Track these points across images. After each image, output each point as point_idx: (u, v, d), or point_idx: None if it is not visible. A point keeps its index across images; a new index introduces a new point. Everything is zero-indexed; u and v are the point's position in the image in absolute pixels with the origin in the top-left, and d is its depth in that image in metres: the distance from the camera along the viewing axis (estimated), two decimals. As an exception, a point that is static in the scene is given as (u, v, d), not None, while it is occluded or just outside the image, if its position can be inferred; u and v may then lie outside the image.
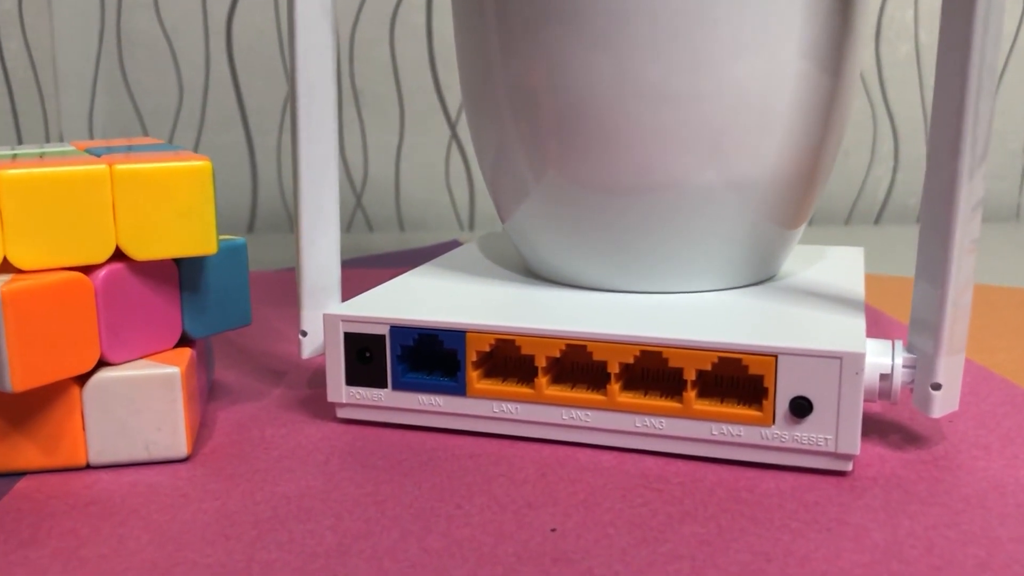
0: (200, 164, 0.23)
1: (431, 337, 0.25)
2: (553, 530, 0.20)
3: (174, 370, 0.23)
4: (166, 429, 0.23)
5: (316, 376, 0.30)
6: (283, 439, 0.25)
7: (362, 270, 0.47)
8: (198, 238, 0.24)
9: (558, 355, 0.24)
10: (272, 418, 0.27)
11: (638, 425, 0.23)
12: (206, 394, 0.27)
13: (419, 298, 0.27)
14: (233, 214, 0.63)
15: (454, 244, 0.56)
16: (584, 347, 0.23)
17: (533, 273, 0.30)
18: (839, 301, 0.26)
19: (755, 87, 0.24)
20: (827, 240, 0.55)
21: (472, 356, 0.24)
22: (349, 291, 0.42)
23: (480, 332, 0.24)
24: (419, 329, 0.25)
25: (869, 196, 0.61)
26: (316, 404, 0.28)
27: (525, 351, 0.24)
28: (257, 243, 0.58)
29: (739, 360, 0.22)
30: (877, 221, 0.62)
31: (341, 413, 0.26)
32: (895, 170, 0.61)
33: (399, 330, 0.25)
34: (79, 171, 0.22)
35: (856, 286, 0.28)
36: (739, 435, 0.23)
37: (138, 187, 0.23)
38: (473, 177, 0.62)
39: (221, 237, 0.27)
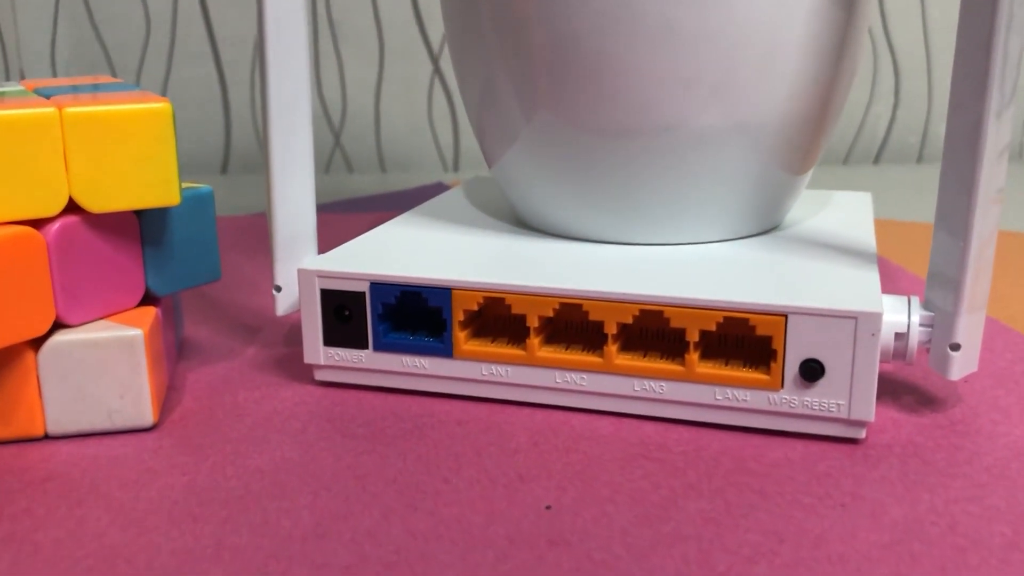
0: (159, 106, 0.21)
1: (415, 294, 0.23)
2: (548, 507, 0.18)
3: (136, 332, 0.21)
4: (129, 396, 0.22)
5: (293, 333, 0.28)
6: (257, 404, 0.23)
7: (341, 216, 0.45)
8: (159, 188, 0.22)
9: (551, 315, 0.22)
10: (245, 380, 0.25)
11: (637, 389, 0.22)
12: (174, 354, 0.26)
13: (401, 251, 0.25)
14: (205, 154, 0.60)
15: (439, 187, 0.54)
16: (579, 306, 0.22)
17: (523, 223, 0.28)
18: (850, 253, 0.24)
19: (764, 21, 0.22)
20: (825, 181, 0.53)
21: (459, 315, 0.23)
22: (327, 239, 0.40)
23: (467, 289, 0.22)
24: (401, 286, 0.23)
25: (868, 135, 0.59)
26: (293, 364, 0.26)
27: (516, 310, 0.22)
28: (231, 185, 0.55)
29: (746, 320, 0.21)
30: (876, 161, 0.60)
31: (319, 375, 0.24)
32: (895, 107, 0.59)
33: (380, 287, 0.23)
34: (24, 115, 0.20)
35: (867, 236, 0.26)
36: (745, 400, 0.21)
37: (91, 132, 0.21)
38: (457, 115, 0.60)
39: (185, 185, 0.25)
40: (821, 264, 0.23)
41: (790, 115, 0.24)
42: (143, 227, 0.23)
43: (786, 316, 0.21)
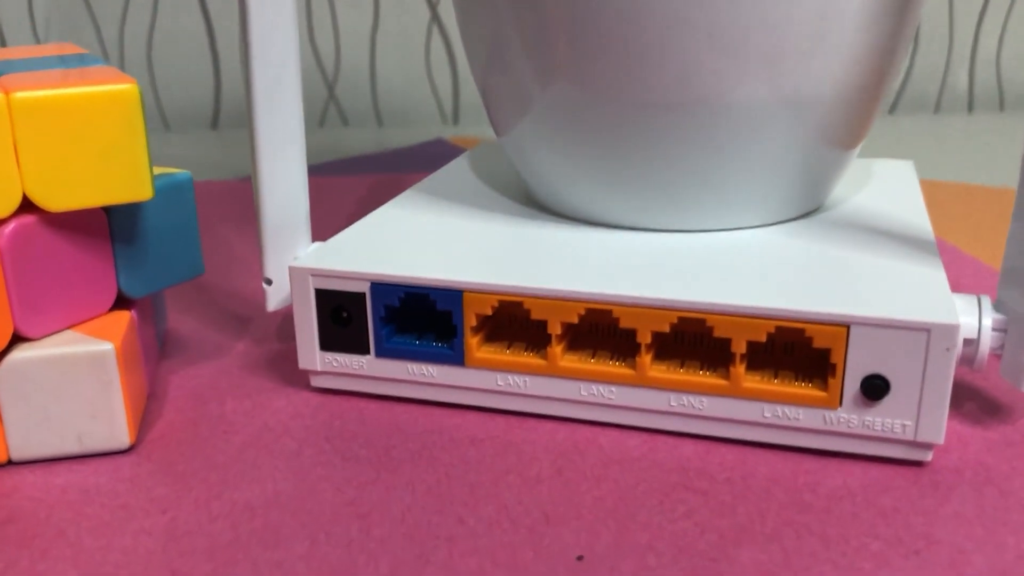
0: (124, 88, 0.18)
1: (421, 296, 0.20)
2: (580, 558, 0.16)
3: (107, 346, 0.19)
4: (102, 417, 0.19)
5: (287, 324, 0.26)
6: (247, 417, 0.21)
7: (337, 179, 0.43)
8: (127, 181, 0.19)
9: (576, 321, 0.19)
10: (234, 385, 0.22)
11: (673, 404, 0.19)
12: (156, 355, 0.23)
13: (404, 243, 0.22)
14: (193, 109, 0.57)
15: (439, 144, 0.51)
16: (608, 311, 0.19)
17: (537, 203, 0.25)
18: (908, 242, 0.22)
19: (820, -18, 0.20)
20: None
21: (471, 320, 0.20)
22: (322, 207, 0.38)
23: (480, 292, 0.20)
24: (406, 287, 0.20)
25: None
26: (287, 364, 0.23)
27: (535, 315, 0.20)
28: (222, 142, 0.52)
29: (801, 331, 0.18)
30: (892, 111, 0.57)
31: (316, 382, 0.22)
32: (914, 53, 0.55)
33: (382, 287, 0.20)
34: (-33, 101, 0.17)
35: (921, 219, 0.23)
36: (797, 418, 0.19)
37: (45, 120, 0.18)
38: (457, 64, 0.57)
39: (159, 171, 0.22)
40: (880, 258, 0.21)
41: (846, 85, 0.21)
42: (112, 224, 0.20)
43: (848, 327, 0.18)
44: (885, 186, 0.26)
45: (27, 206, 0.19)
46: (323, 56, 0.56)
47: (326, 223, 0.35)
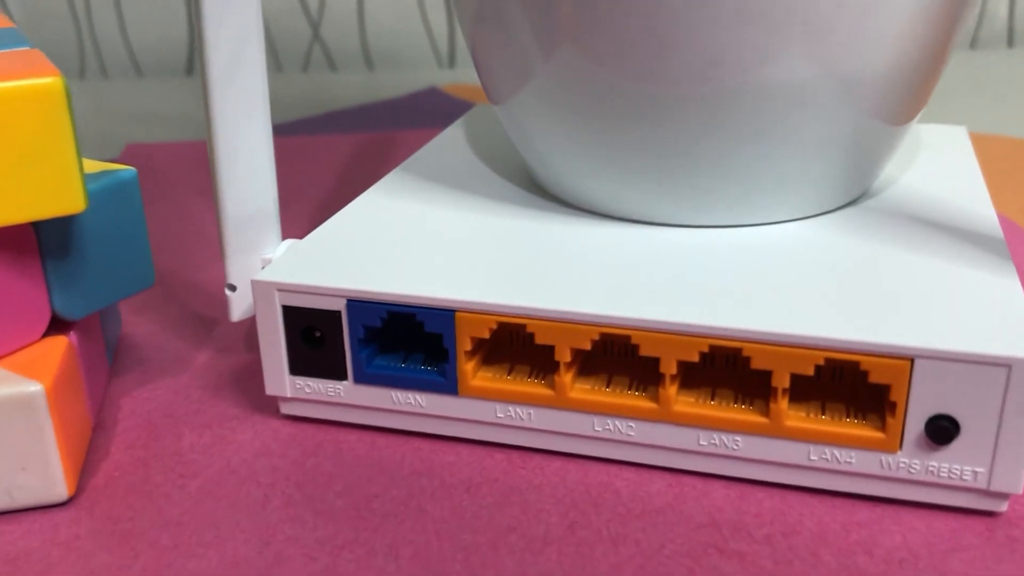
0: (47, 82, 0.15)
1: (406, 316, 0.17)
2: (597, 656, 0.13)
3: (35, 388, 0.16)
4: (34, 467, 0.16)
5: (256, 331, 0.23)
6: (206, 455, 0.18)
7: (322, 137, 0.39)
8: (54, 192, 0.16)
9: (588, 348, 0.17)
10: (193, 412, 0.20)
11: (703, 443, 0.17)
12: (105, 375, 0.20)
13: (387, 249, 0.19)
14: (167, 52, 0.53)
15: (432, 94, 0.47)
16: (627, 337, 0.16)
17: (541, 188, 0.22)
18: (972, 239, 0.19)
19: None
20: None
21: (465, 344, 0.17)
22: (304, 171, 0.34)
23: (475, 312, 0.17)
24: (388, 305, 0.17)
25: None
26: (256, 381, 0.21)
27: (540, 340, 0.17)
28: (198, 92, 0.49)
29: (856, 364, 0.15)
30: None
31: (286, 409, 0.19)
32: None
33: (359, 305, 0.17)
34: None
35: (984, 207, 0.20)
36: (849, 462, 0.16)
37: (-55, 122, 0.15)
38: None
39: (97, 168, 0.19)
40: (943, 261, 0.18)
41: (904, 57, 0.18)
42: (42, 237, 0.17)
43: (912, 360, 0.15)
44: (937, 162, 0.23)
45: (-71, 225, 0.15)
46: (305, -5, 0.52)
47: (308, 192, 0.32)
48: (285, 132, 0.40)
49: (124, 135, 0.41)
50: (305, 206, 0.31)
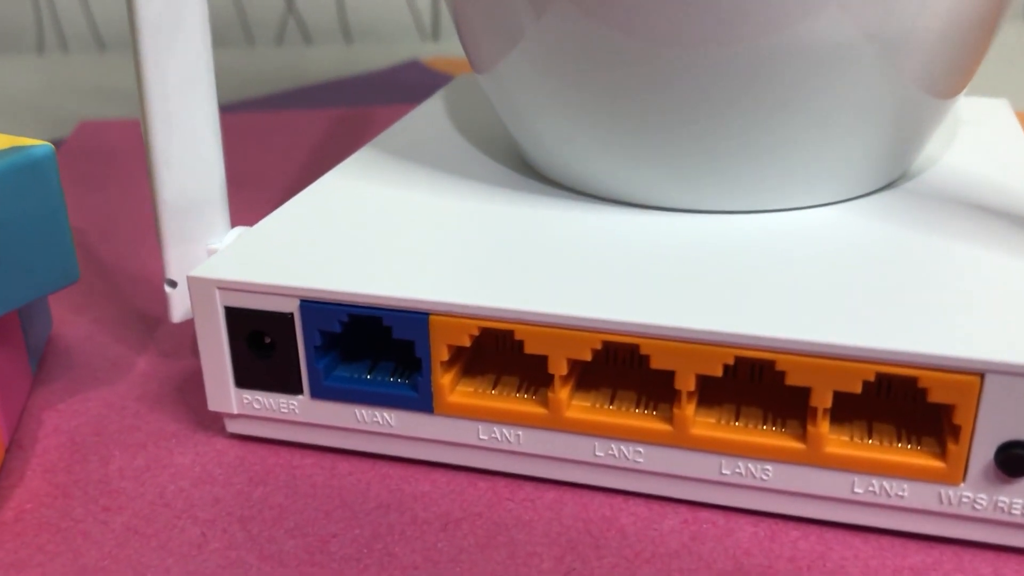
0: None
1: (371, 320, 0.15)
2: None
3: (-84, 409, 0.13)
4: (-82, 504, 0.13)
5: (207, 327, 0.20)
6: (138, 482, 0.15)
7: (295, 112, 0.36)
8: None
9: (588, 358, 0.14)
10: (127, 428, 0.17)
11: (726, 473, 0.14)
12: (26, 385, 0.17)
13: (349, 239, 0.16)
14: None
15: (414, 67, 0.44)
16: (636, 347, 0.14)
17: (532, 168, 0.19)
18: (1040, 232, 0.16)
19: None
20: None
21: (441, 353, 0.14)
22: (273, 150, 0.31)
23: (453, 315, 0.14)
24: (349, 307, 0.14)
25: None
26: (200, 393, 0.18)
27: (532, 349, 0.14)
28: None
29: (913, 380, 0.13)
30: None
31: (232, 427, 0.16)
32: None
33: (315, 307, 0.15)
34: None
35: (1041, 189, 0.18)
36: (901, 495, 0.13)
37: None
38: (434, -28, 0.50)
39: (8, 144, 0.16)
40: (1006, 256, 0.15)
41: (953, 18, 0.15)
42: (-74, 224, 0.14)
43: (983, 376, 0.12)
44: (981, 137, 0.21)
45: None
46: (279, -37, 0.49)
47: (273, 173, 0.29)
48: (253, 108, 0.37)
49: (81, 113, 0.38)
50: (267, 190, 0.28)
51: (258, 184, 0.28)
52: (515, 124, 0.19)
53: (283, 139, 0.33)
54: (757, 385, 0.15)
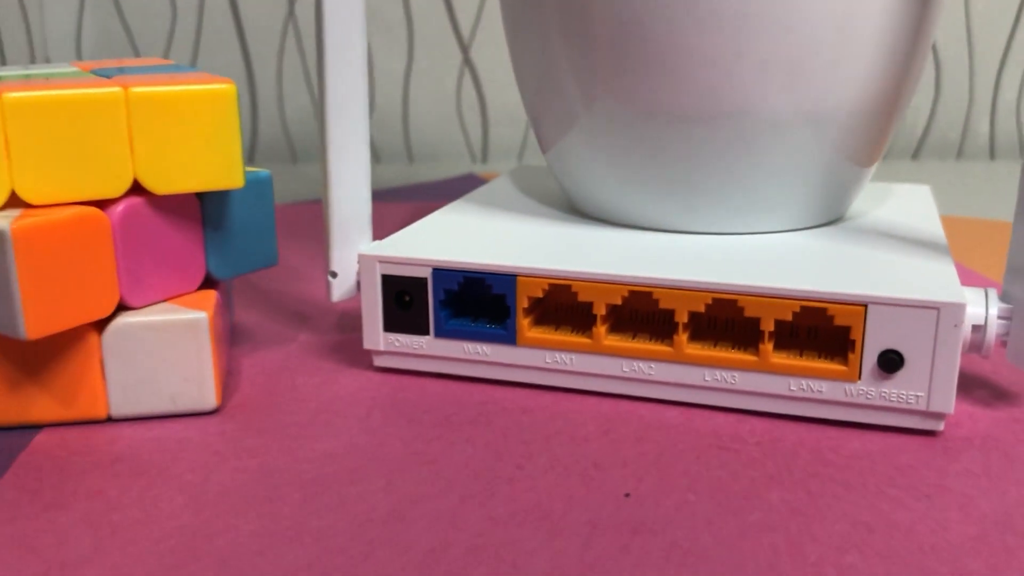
0: (224, 87, 0.21)
1: (478, 281, 0.23)
2: (627, 495, 0.18)
3: (201, 315, 0.21)
4: (193, 379, 0.21)
5: (344, 320, 0.28)
6: (317, 389, 0.23)
7: (374, 204, 0.45)
8: (223, 169, 0.21)
9: (619, 302, 0.22)
10: (302, 366, 0.25)
11: (708, 379, 0.22)
12: (230, 339, 0.25)
13: (462, 237, 0.25)
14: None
15: (471, 179, 0.53)
16: (649, 294, 0.21)
17: (578, 210, 0.28)
18: (922, 244, 0.24)
19: (839, 8, 0.22)
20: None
21: (523, 302, 0.22)
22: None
23: (532, 276, 0.22)
24: (465, 272, 0.23)
25: (907, 129, 0.59)
26: (349, 350, 0.26)
27: (582, 297, 0.22)
28: (261, 174, 0.55)
29: (824, 310, 0.20)
30: (915, 156, 0.59)
31: (378, 361, 0.24)
32: (936, 101, 0.58)
33: (443, 273, 0.23)
34: (92, 94, 0.20)
35: (934, 227, 0.26)
36: (820, 391, 0.21)
37: (156, 113, 0.20)
38: (487, 105, 0.60)
39: (245, 169, 0.24)
40: (895, 255, 0.23)
41: (863, 103, 0.24)
42: (205, 210, 0.22)
43: (866, 306, 0.20)
44: (903, 204, 0.29)
45: (135, 188, 0.21)
46: (359, 96, 0.59)
47: (370, 240, 0.38)
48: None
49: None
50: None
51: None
52: (567, 178, 0.27)
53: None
54: (729, 330, 0.22)
